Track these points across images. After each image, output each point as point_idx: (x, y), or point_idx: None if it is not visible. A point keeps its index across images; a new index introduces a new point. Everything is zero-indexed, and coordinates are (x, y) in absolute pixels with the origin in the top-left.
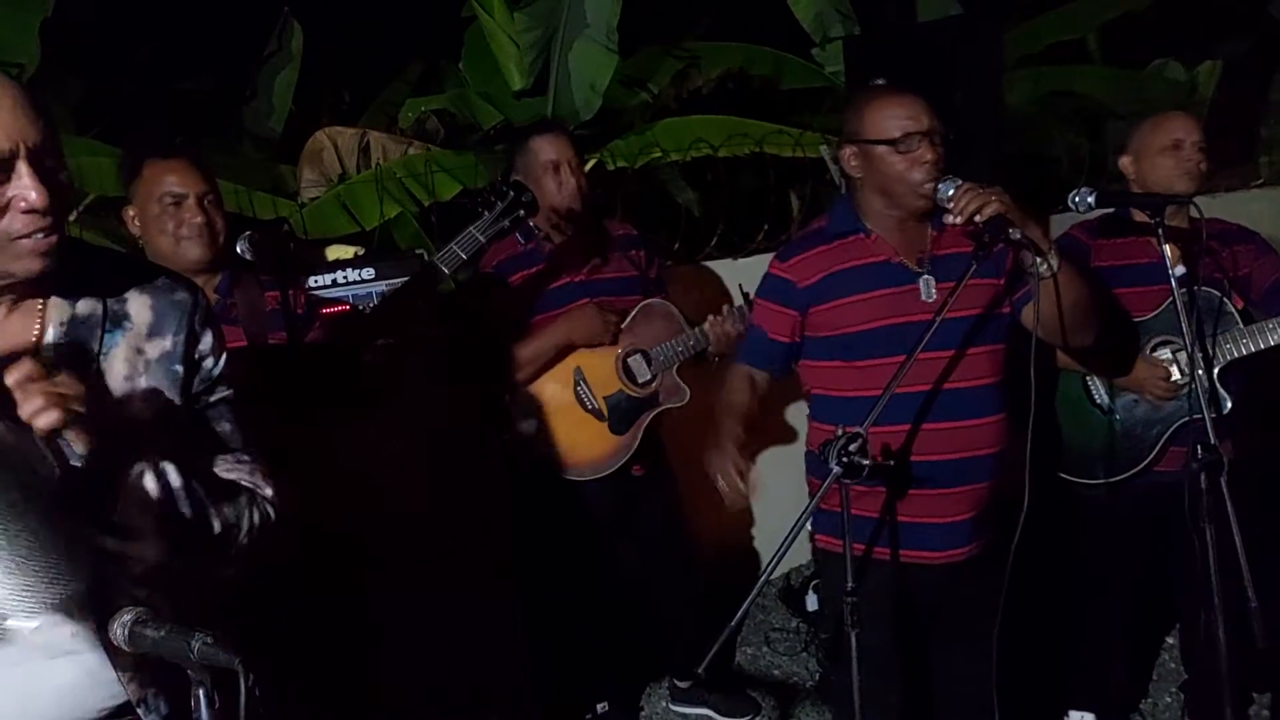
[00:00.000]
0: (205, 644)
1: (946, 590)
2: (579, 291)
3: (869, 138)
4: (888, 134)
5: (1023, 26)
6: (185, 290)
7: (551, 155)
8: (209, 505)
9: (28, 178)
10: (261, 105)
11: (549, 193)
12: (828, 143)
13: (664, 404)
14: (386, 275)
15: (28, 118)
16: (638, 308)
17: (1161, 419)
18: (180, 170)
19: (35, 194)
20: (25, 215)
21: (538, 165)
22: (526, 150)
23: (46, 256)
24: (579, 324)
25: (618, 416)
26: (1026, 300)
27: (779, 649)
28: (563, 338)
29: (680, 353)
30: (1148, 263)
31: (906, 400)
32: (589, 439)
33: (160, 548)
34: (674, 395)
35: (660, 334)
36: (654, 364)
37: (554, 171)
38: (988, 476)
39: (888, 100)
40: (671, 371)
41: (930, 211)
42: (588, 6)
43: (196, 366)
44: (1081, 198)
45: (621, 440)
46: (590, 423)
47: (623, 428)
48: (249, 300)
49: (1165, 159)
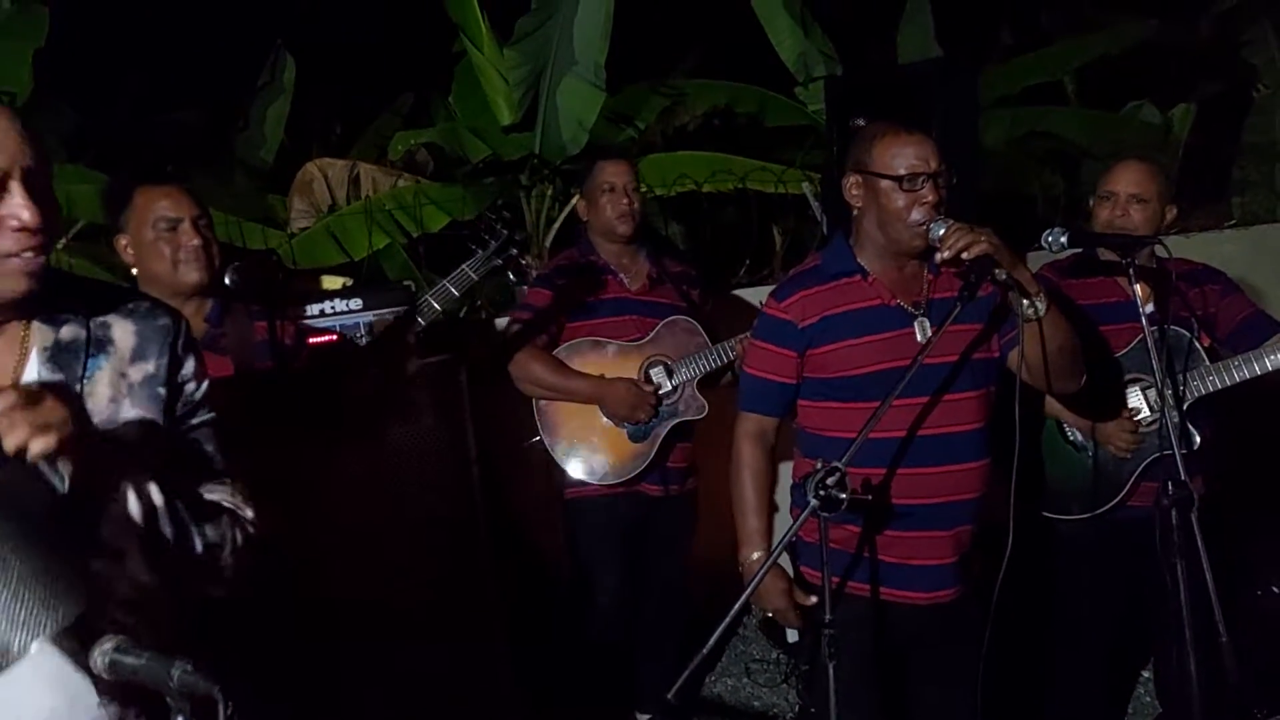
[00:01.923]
0: (185, 672)
1: (927, 628)
2: (628, 307)
3: (875, 170)
4: (894, 170)
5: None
6: (167, 315)
7: (610, 178)
8: (191, 525)
9: (20, 197)
10: (253, 136)
11: (602, 210)
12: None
13: (683, 416)
14: (374, 306)
15: (21, 140)
16: (663, 321)
17: (1135, 454)
18: (173, 195)
19: (28, 213)
20: (17, 234)
21: (595, 185)
22: (591, 172)
23: (34, 277)
24: (613, 396)
25: (636, 425)
26: (1014, 344)
27: (759, 680)
28: (594, 398)
29: (703, 366)
30: (1116, 302)
31: (893, 444)
32: (608, 445)
33: (144, 567)
34: (693, 408)
35: (684, 347)
36: (675, 375)
37: (609, 192)
38: (972, 520)
39: (899, 137)
40: (692, 385)
41: (925, 252)
42: (576, 44)
43: (179, 390)
44: (1054, 237)
45: (639, 448)
46: (610, 429)
47: (641, 436)
48: (239, 330)
49: (1100, 207)
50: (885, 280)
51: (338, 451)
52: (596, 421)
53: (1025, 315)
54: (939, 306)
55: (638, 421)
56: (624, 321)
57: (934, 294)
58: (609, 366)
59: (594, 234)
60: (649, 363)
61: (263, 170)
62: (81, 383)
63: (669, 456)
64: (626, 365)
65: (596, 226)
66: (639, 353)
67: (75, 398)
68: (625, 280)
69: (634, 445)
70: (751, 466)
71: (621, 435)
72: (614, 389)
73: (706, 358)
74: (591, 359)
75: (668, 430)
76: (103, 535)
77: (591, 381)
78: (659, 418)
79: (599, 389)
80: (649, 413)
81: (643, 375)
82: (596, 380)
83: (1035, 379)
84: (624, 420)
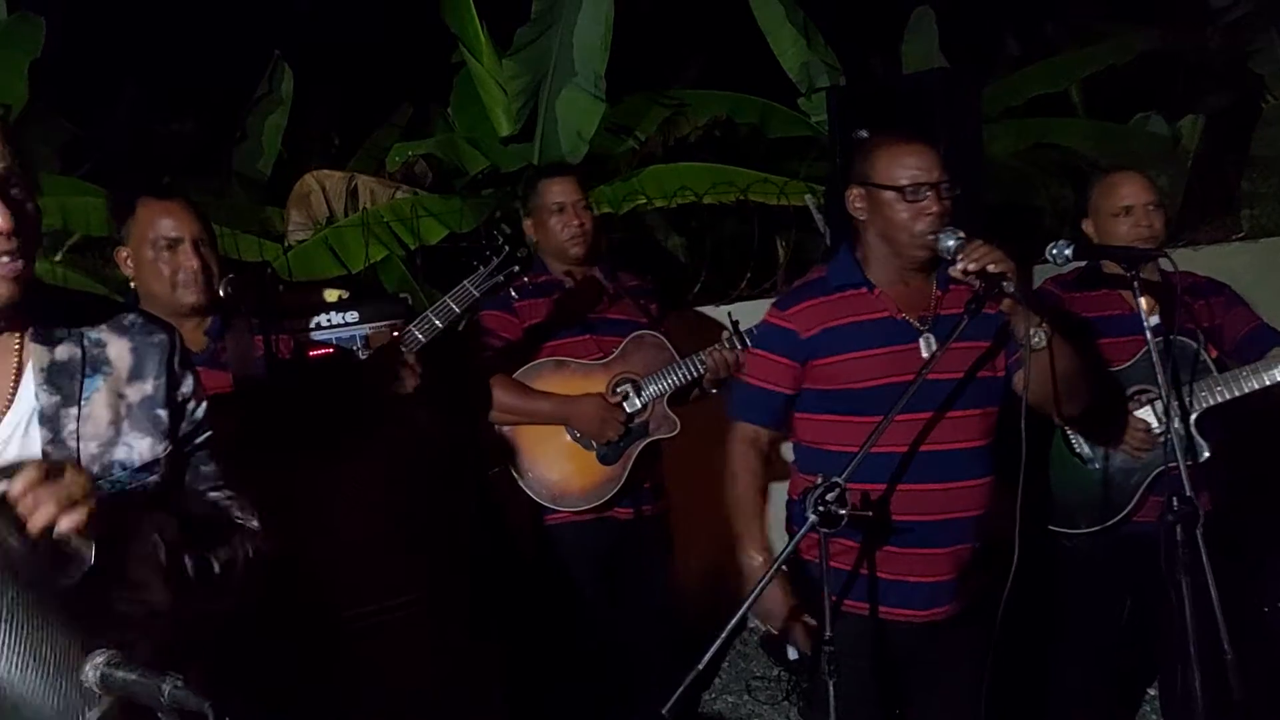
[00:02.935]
0: (176, 688)
1: (927, 645)
2: (585, 327)
3: (878, 182)
4: (896, 181)
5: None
6: (162, 331)
7: (558, 198)
8: (209, 551)
9: None
10: (251, 147)
11: (554, 233)
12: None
13: (654, 434)
14: (370, 318)
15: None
16: (629, 337)
17: (1140, 468)
18: (176, 212)
19: (1, 219)
20: None
21: (544, 207)
22: (535, 192)
23: (12, 282)
24: (580, 415)
25: (607, 447)
26: (1019, 366)
27: (760, 697)
28: (560, 418)
29: (672, 383)
30: (1120, 314)
31: (894, 459)
32: (577, 469)
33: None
34: (664, 426)
35: (651, 364)
36: (644, 393)
37: (559, 213)
38: (973, 538)
39: (901, 148)
40: (662, 402)
41: (930, 264)
42: (576, 54)
43: (181, 410)
44: (1059, 250)
45: (611, 471)
46: (579, 453)
47: (612, 458)
48: (239, 344)
49: (1119, 223)
50: (892, 294)
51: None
52: (564, 445)
53: (1031, 345)
54: (946, 323)
55: (607, 440)
56: (584, 341)
57: (941, 310)
58: (574, 386)
59: (545, 255)
60: (616, 381)
61: (260, 182)
62: (79, 404)
63: (641, 477)
64: (592, 384)
65: (547, 248)
66: (605, 371)
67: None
68: (580, 297)
69: (605, 468)
70: (745, 471)
71: (590, 458)
72: (580, 407)
73: (675, 373)
74: (555, 380)
75: (640, 450)
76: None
77: (556, 401)
78: (630, 436)
79: (564, 408)
80: (618, 430)
81: (610, 393)
82: (561, 399)
83: (1041, 403)
84: (593, 439)
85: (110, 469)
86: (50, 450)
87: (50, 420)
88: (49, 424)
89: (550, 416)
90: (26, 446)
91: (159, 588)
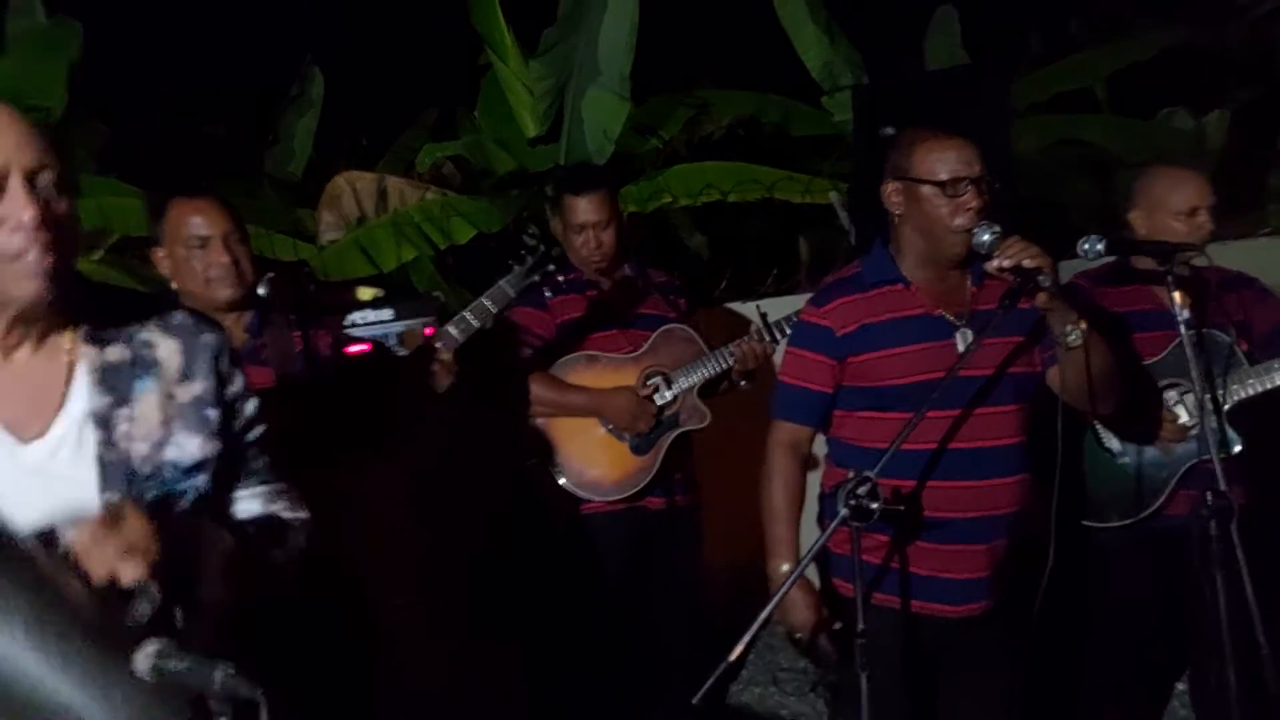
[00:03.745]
0: (228, 675)
1: (961, 640)
2: (616, 322)
3: (916, 176)
4: (935, 175)
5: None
6: (211, 331)
7: (580, 218)
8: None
9: (20, 196)
10: (282, 150)
11: (575, 248)
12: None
13: (684, 425)
14: (405, 316)
15: (22, 138)
16: (658, 331)
17: (1171, 461)
18: (205, 210)
19: (27, 213)
20: (16, 234)
21: (568, 223)
22: (561, 204)
23: (44, 278)
24: (614, 406)
25: (639, 438)
26: (1054, 362)
27: (787, 689)
28: (593, 410)
29: (701, 375)
30: (1150, 309)
31: (928, 456)
32: (611, 460)
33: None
34: (694, 417)
35: (680, 357)
36: (674, 386)
37: (579, 233)
38: (1007, 535)
39: (940, 142)
40: (692, 394)
41: (967, 261)
42: (601, 55)
43: (232, 410)
44: (1091, 245)
45: (643, 461)
46: (612, 444)
47: (644, 449)
48: (279, 341)
49: (1179, 224)
50: (927, 289)
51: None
52: (597, 436)
53: (1067, 343)
54: (982, 318)
55: (639, 432)
56: (615, 335)
57: (976, 305)
58: (606, 380)
59: (573, 258)
60: (646, 374)
61: (292, 184)
62: (130, 404)
63: (673, 468)
64: (623, 378)
65: (574, 258)
66: (635, 365)
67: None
68: (610, 296)
69: (637, 458)
70: (783, 475)
71: (623, 449)
72: (613, 399)
73: (705, 365)
74: (587, 374)
75: (671, 441)
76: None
77: (589, 394)
78: (661, 428)
79: (597, 400)
80: (650, 422)
81: (641, 386)
82: (594, 392)
83: (1077, 401)
84: (625, 431)
85: (161, 469)
86: (104, 452)
87: (103, 421)
88: (102, 425)
89: (584, 409)
90: (80, 448)
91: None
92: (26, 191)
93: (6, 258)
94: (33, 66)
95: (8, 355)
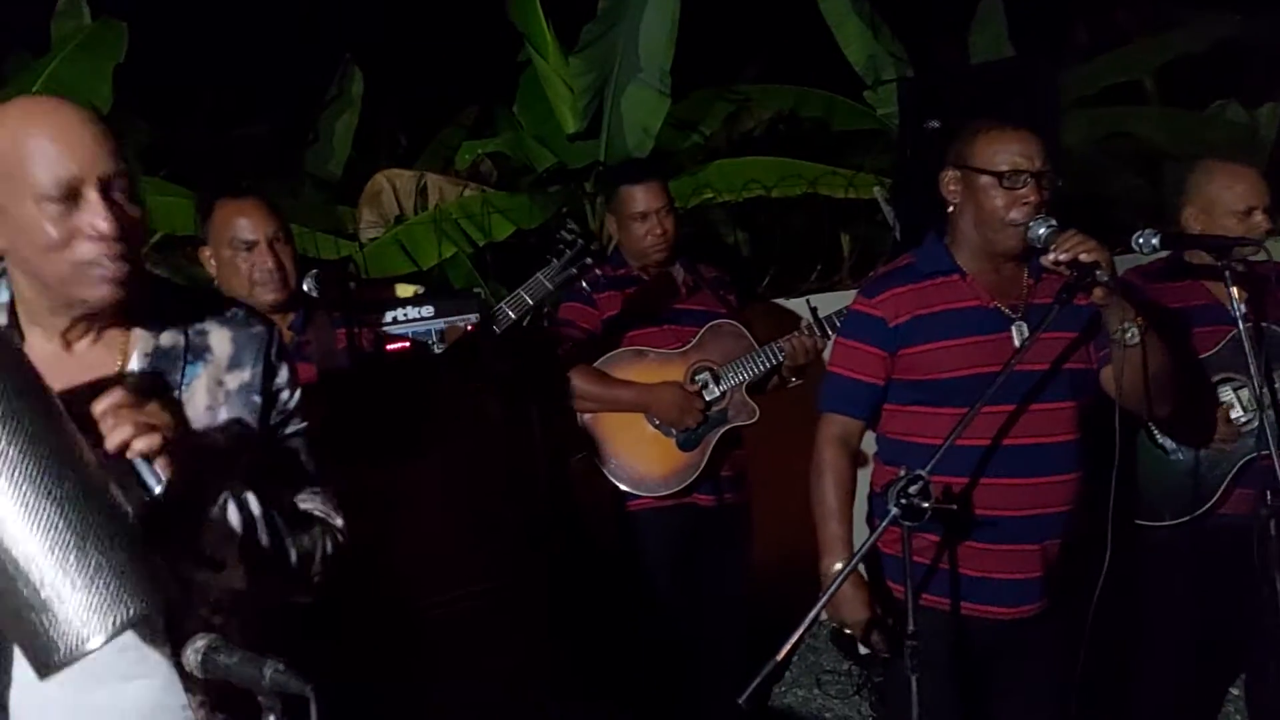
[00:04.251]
0: (277, 671)
1: (1013, 642)
2: (664, 318)
3: (976, 165)
4: (995, 166)
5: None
6: (261, 324)
7: (641, 206)
8: (287, 536)
9: (97, 206)
10: (323, 148)
11: (637, 238)
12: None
13: (732, 422)
14: (445, 313)
15: (100, 148)
16: (706, 326)
17: (1226, 459)
18: (249, 212)
19: (105, 224)
20: (93, 243)
21: (627, 214)
22: (618, 196)
23: (116, 284)
24: (660, 402)
25: (686, 434)
26: (1109, 361)
27: (830, 691)
28: (640, 405)
29: (750, 371)
30: (1204, 304)
31: (981, 453)
32: (657, 456)
33: (240, 576)
34: (743, 413)
35: (729, 352)
36: (722, 382)
37: (642, 220)
38: (1062, 534)
39: (1003, 133)
40: (740, 390)
41: (1022, 253)
42: (641, 50)
43: (274, 399)
44: (1145, 239)
45: (690, 457)
46: (659, 439)
47: (691, 445)
48: (322, 337)
49: (1234, 224)
50: (983, 281)
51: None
52: (644, 432)
53: (1124, 340)
54: (1038, 312)
55: (686, 428)
56: (663, 331)
57: (1033, 299)
58: (653, 375)
59: (626, 253)
60: (694, 369)
61: (331, 182)
62: (180, 389)
63: (721, 465)
64: (670, 373)
65: (630, 250)
66: (683, 360)
67: (177, 402)
68: (660, 288)
69: (684, 454)
70: (834, 471)
71: (671, 445)
72: (660, 394)
73: (754, 361)
74: (634, 369)
75: (719, 437)
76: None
77: (636, 389)
78: (708, 424)
79: (645, 396)
80: (697, 418)
81: (688, 382)
82: (641, 387)
83: (1131, 402)
84: (672, 426)
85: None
86: None
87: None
88: None
89: (631, 404)
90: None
91: (232, 560)
92: (103, 201)
93: (82, 265)
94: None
95: (69, 346)
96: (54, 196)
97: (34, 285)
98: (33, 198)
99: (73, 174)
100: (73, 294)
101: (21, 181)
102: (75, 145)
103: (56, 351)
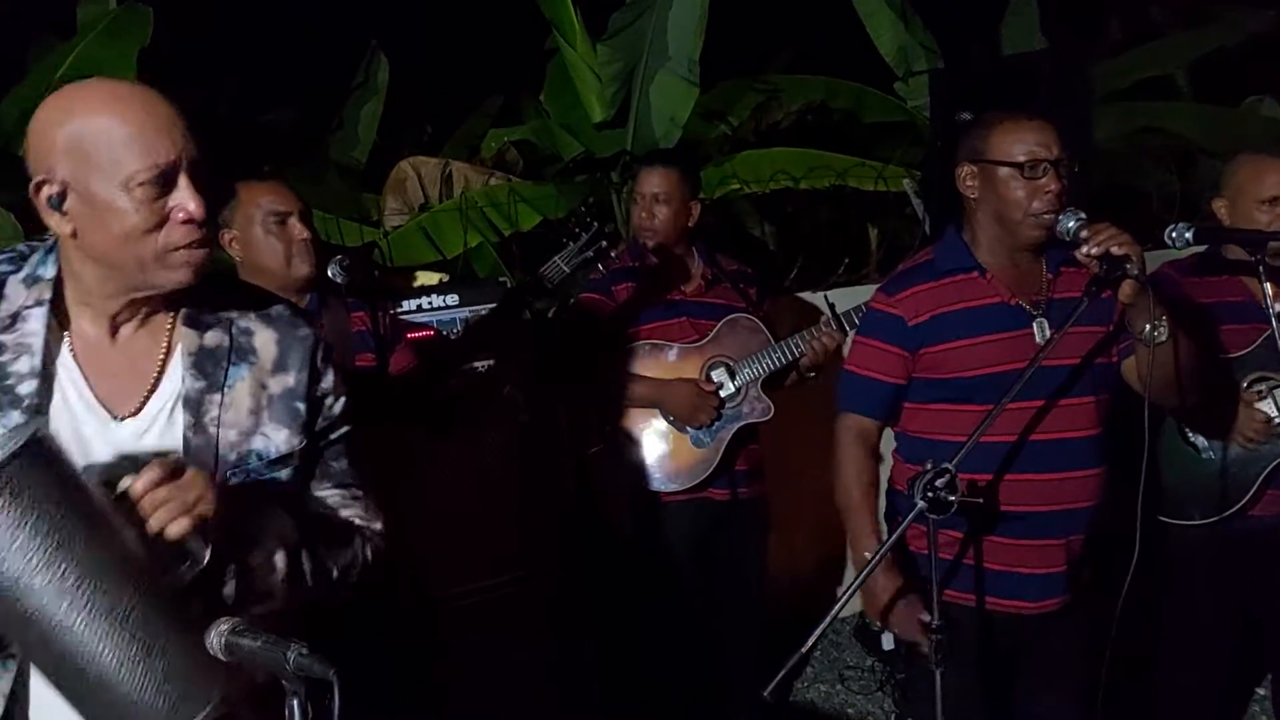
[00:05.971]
0: (301, 655)
1: (1038, 637)
2: (683, 309)
3: (993, 158)
4: (1013, 157)
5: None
6: (307, 326)
7: (640, 188)
8: (329, 559)
9: (187, 189)
10: (347, 136)
11: (633, 220)
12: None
13: (747, 418)
14: (470, 301)
15: (186, 131)
16: (723, 320)
17: (1259, 459)
18: (278, 190)
19: (194, 205)
20: (184, 226)
21: (633, 195)
22: (634, 178)
23: (196, 269)
24: (673, 398)
25: (699, 430)
26: (1129, 354)
27: (853, 687)
28: (654, 401)
29: (766, 366)
30: (1239, 301)
31: (1006, 449)
32: (672, 451)
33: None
34: (758, 410)
35: (745, 347)
36: (738, 377)
37: (639, 202)
38: (1085, 529)
39: (1018, 123)
40: (756, 386)
41: (1043, 246)
42: (670, 39)
43: (319, 405)
44: (1179, 233)
45: (704, 453)
46: (673, 435)
47: (705, 441)
48: (336, 323)
49: (1262, 214)
50: (1003, 277)
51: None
52: (659, 426)
53: (1151, 339)
54: (1059, 307)
55: (699, 424)
56: (680, 324)
57: (1054, 294)
58: (669, 370)
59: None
60: (710, 364)
61: (356, 170)
62: (223, 391)
63: (735, 460)
64: (686, 368)
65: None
66: (699, 354)
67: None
68: (675, 280)
69: (698, 450)
70: (855, 464)
71: (684, 440)
72: (674, 390)
73: (770, 356)
74: (650, 363)
75: (733, 433)
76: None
77: (650, 384)
78: (722, 420)
79: (658, 391)
80: (711, 415)
81: (703, 376)
82: (655, 382)
83: (1162, 398)
84: (685, 423)
85: (246, 459)
86: (191, 435)
87: (194, 405)
88: (192, 409)
89: (644, 400)
90: (169, 429)
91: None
92: (192, 184)
93: (167, 249)
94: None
95: (114, 333)
96: (148, 181)
97: (98, 269)
98: (121, 182)
99: (169, 159)
100: (151, 279)
101: (109, 166)
102: (168, 130)
103: (101, 338)
